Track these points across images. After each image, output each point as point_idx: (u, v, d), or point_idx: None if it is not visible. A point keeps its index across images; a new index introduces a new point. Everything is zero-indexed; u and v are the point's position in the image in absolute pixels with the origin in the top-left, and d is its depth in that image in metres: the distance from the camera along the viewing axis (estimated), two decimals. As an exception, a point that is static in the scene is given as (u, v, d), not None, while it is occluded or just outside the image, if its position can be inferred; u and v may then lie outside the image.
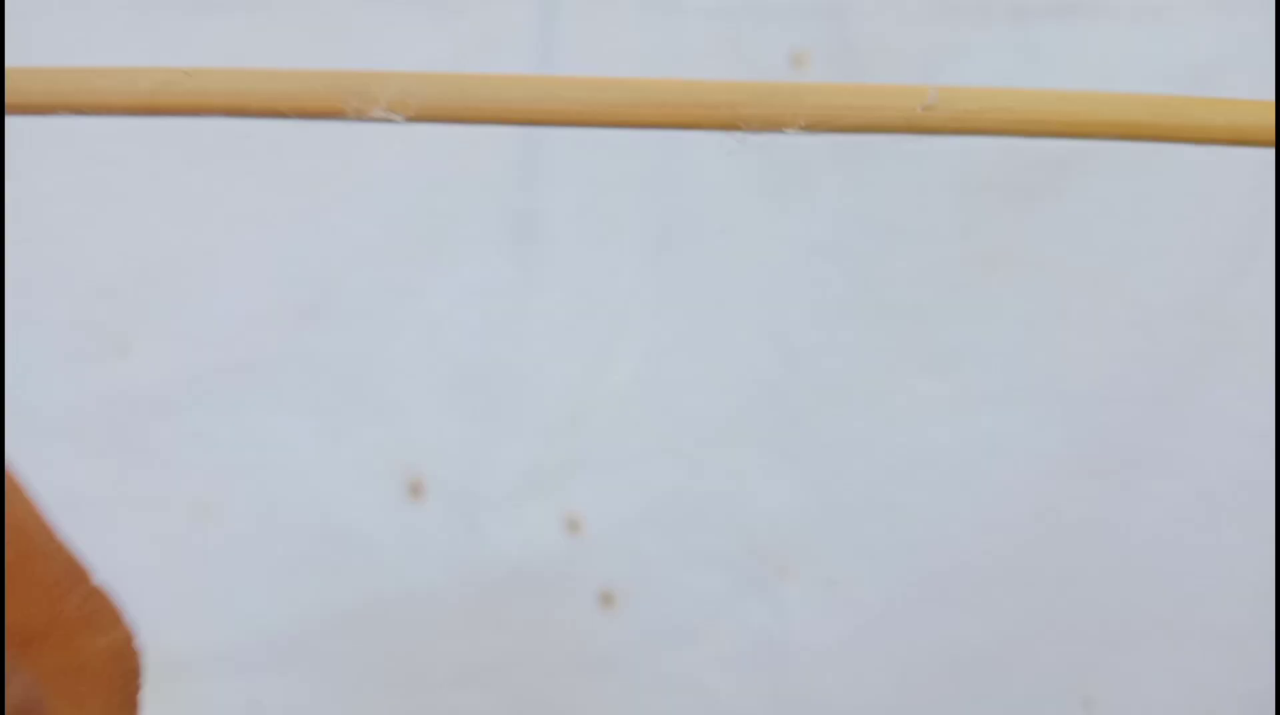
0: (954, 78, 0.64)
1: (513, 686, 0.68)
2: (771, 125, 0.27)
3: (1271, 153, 0.27)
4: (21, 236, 0.67)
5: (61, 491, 0.66)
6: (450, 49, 0.66)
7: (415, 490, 0.68)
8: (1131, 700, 0.66)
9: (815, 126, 0.27)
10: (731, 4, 0.66)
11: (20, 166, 0.66)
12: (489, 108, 0.27)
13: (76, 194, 0.67)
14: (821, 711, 0.67)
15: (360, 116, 0.27)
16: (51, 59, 0.29)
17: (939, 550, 0.66)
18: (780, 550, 0.67)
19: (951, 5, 0.65)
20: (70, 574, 0.26)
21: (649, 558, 0.67)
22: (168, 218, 0.68)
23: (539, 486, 0.67)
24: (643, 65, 0.66)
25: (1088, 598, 0.66)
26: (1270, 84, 0.62)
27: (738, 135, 0.27)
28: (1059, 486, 0.66)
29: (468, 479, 0.68)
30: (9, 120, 0.27)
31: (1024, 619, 0.66)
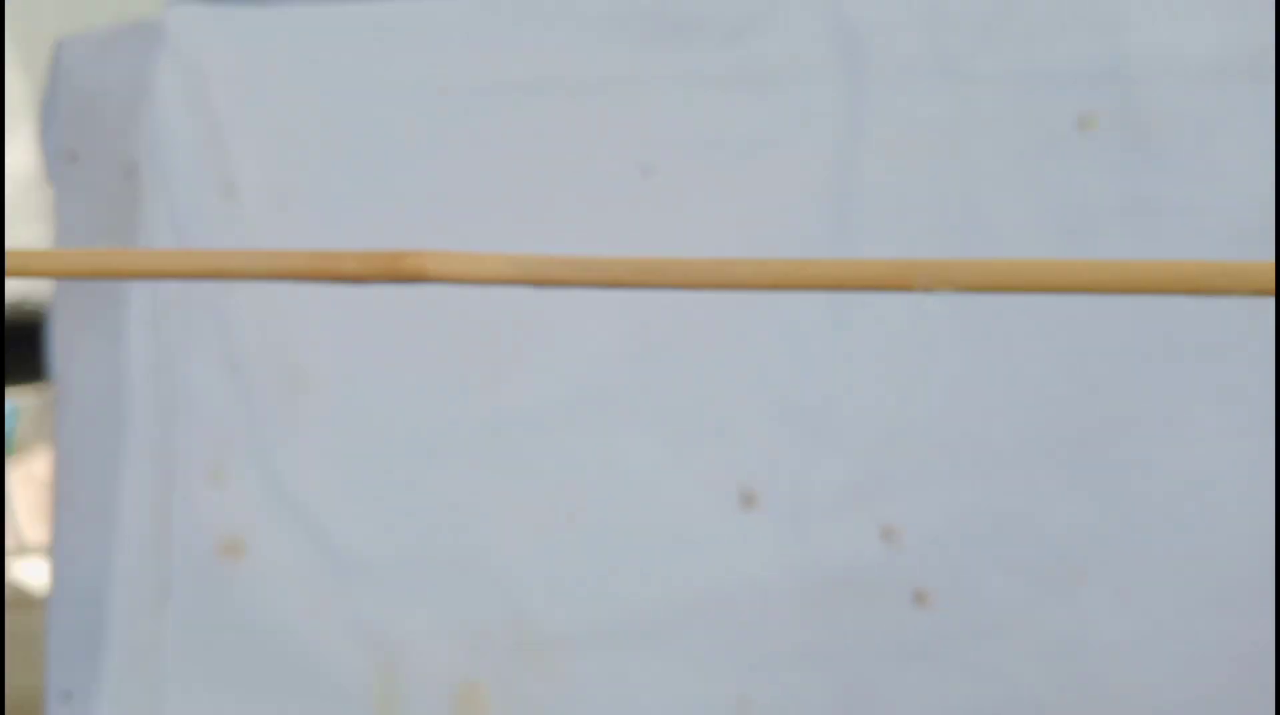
0: (1227, 137, 0.69)
1: (840, 670, 0.77)
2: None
3: None
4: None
5: (453, 497, 0.79)
6: (755, 127, 0.74)
7: (748, 501, 0.77)
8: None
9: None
10: (1021, 71, 0.72)
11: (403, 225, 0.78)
12: (1016, 284, 0.35)
13: (455, 245, 0.78)
14: (1116, 700, 0.74)
15: (922, 291, 0.35)
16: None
17: (1222, 563, 0.72)
18: (1076, 559, 0.74)
19: (1225, 67, 0.69)
20: None
21: (957, 563, 0.75)
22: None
23: (859, 499, 0.76)
24: (942, 135, 0.72)
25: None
26: None
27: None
28: (1336, 506, 0.71)
29: (795, 492, 0.77)
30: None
31: (1302, 624, 0.72)
